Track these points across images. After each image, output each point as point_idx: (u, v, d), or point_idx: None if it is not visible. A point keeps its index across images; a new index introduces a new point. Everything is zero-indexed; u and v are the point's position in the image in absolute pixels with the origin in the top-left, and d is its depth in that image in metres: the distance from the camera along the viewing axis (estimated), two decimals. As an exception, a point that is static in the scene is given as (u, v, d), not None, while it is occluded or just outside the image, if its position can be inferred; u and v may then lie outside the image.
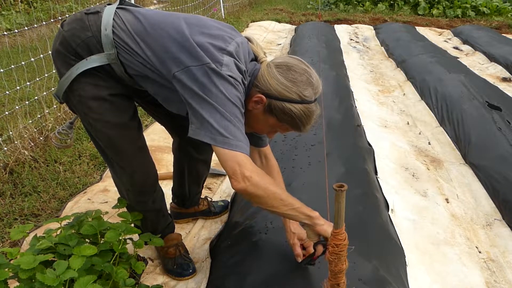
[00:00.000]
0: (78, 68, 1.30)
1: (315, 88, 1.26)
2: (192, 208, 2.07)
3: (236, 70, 1.20)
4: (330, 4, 8.84)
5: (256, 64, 1.30)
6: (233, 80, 1.19)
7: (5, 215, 2.11)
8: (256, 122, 1.32)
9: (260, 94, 1.25)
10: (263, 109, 1.27)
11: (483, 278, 1.77)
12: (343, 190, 0.93)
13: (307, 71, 1.25)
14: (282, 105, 1.24)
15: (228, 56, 1.20)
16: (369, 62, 5.07)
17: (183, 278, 1.72)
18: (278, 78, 1.23)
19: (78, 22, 1.31)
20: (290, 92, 1.22)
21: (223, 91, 1.17)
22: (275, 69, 1.24)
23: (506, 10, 8.25)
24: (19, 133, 2.66)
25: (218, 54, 1.19)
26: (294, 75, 1.23)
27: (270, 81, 1.23)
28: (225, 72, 1.18)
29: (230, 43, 1.23)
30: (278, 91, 1.23)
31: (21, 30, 4.71)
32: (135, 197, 1.58)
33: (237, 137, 1.19)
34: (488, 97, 3.28)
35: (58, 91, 1.38)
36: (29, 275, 1.16)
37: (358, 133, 2.71)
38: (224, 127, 1.17)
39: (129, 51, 1.28)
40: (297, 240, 1.44)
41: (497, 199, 2.23)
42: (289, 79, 1.23)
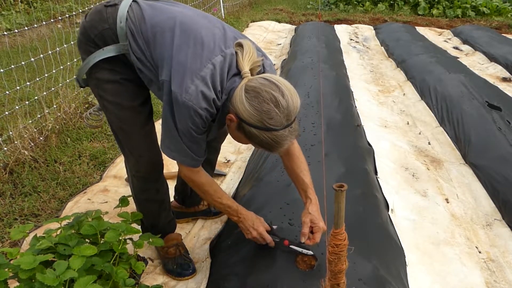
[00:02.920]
0: (95, 57, 1.41)
1: (285, 116, 1.23)
2: (192, 207, 2.07)
3: (201, 98, 1.27)
4: (330, 4, 8.83)
5: (235, 81, 1.31)
6: (192, 111, 1.27)
7: (5, 215, 2.11)
8: (234, 135, 1.38)
9: (233, 114, 1.28)
10: (236, 127, 1.30)
11: (483, 278, 1.77)
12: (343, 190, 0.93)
13: (276, 100, 1.21)
14: (249, 129, 1.25)
15: (199, 81, 1.26)
16: (369, 62, 5.07)
17: (183, 278, 1.72)
18: (245, 104, 1.23)
19: (98, 14, 1.41)
20: (254, 120, 1.23)
21: (177, 122, 1.31)
22: (244, 94, 1.24)
23: (506, 10, 8.24)
24: (19, 133, 2.66)
25: (188, 80, 1.26)
26: (260, 103, 1.21)
27: (238, 105, 1.24)
28: (187, 102, 1.26)
29: (206, 66, 1.28)
30: (244, 116, 1.24)
31: (21, 30, 4.71)
32: (139, 184, 1.64)
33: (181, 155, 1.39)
34: (488, 97, 3.28)
35: (78, 76, 1.50)
36: (29, 275, 1.16)
37: (358, 133, 2.71)
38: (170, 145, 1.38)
39: (137, 46, 1.37)
40: (309, 220, 1.48)
41: (497, 199, 2.23)
42: (254, 107, 1.22)
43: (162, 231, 1.77)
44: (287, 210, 1.79)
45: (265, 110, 1.21)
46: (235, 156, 2.75)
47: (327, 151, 2.27)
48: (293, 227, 1.68)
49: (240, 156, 2.74)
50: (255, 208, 1.86)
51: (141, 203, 1.71)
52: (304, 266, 1.49)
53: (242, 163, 2.62)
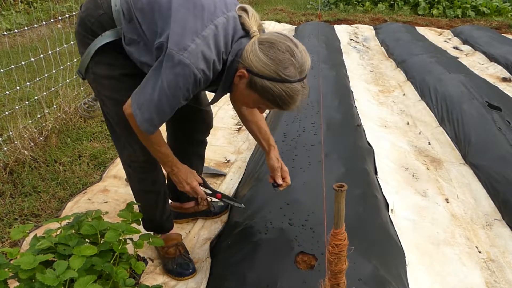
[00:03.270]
0: (96, 44, 1.39)
1: (299, 67, 1.23)
2: (191, 208, 2.07)
3: (200, 58, 1.22)
4: (330, 4, 8.82)
5: (242, 43, 1.29)
6: (187, 70, 1.21)
7: (5, 215, 2.11)
8: (241, 96, 1.34)
9: (244, 69, 1.25)
10: (246, 84, 1.28)
11: (483, 278, 1.77)
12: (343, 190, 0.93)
13: (291, 49, 1.22)
14: (262, 82, 1.23)
15: (200, 41, 1.22)
16: (369, 62, 5.07)
17: (183, 278, 1.72)
18: (259, 55, 1.21)
19: (92, 1, 1.40)
20: (269, 70, 1.21)
21: (164, 80, 1.24)
22: (258, 46, 1.23)
23: (506, 10, 8.24)
24: (19, 133, 2.66)
25: (188, 39, 1.21)
26: (276, 53, 1.20)
27: (251, 58, 1.23)
28: (183, 59, 1.20)
29: (208, 27, 1.24)
30: (258, 68, 1.22)
31: (21, 30, 4.71)
32: (137, 173, 1.65)
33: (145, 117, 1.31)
34: (488, 97, 3.28)
35: (81, 68, 1.48)
36: (29, 275, 1.16)
37: (358, 133, 2.71)
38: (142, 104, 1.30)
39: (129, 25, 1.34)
40: (279, 165, 1.65)
41: (497, 199, 2.23)
42: (269, 57, 1.21)
43: (160, 226, 1.78)
44: (287, 210, 1.79)
45: (281, 59, 1.20)
46: (235, 156, 2.75)
47: (327, 151, 2.27)
48: (293, 227, 1.68)
49: (240, 156, 2.74)
50: (255, 209, 1.86)
51: (139, 194, 1.72)
52: (304, 266, 1.49)
53: (242, 163, 2.62)
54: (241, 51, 1.27)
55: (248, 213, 1.86)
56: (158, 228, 1.79)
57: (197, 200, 2.10)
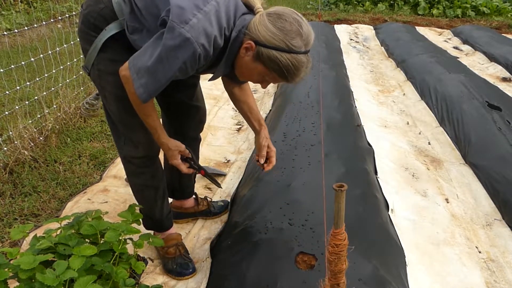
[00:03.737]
0: (101, 39, 1.41)
1: (305, 39, 1.26)
2: (191, 208, 2.07)
3: (201, 33, 1.23)
4: (330, 4, 8.82)
5: (245, 19, 1.31)
6: (187, 43, 1.22)
7: (5, 215, 2.11)
8: (247, 70, 1.35)
9: (250, 40, 1.27)
10: (253, 56, 1.29)
11: (483, 278, 1.77)
12: (343, 190, 0.93)
13: (298, 21, 1.26)
14: (269, 53, 1.25)
15: (201, 15, 1.23)
16: (369, 62, 5.07)
17: (183, 278, 1.73)
18: (267, 25, 1.24)
19: None
20: (277, 40, 1.24)
21: (157, 46, 1.25)
22: (266, 17, 1.26)
23: (506, 10, 8.24)
24: (19, 133, 2.66)
25: (189, 13, 1.22)
26: (283, 24, 1.24)
27: (259, 28, 1.25)
28: (184, 32, 1.21)
29: (209, 2, 1.25)
30: (266, 38, 1.24)
31: (21, 30, 4.71)
32: (135, 168, 1.66)
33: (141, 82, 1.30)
34: (488, 97, 3.28)
35: (87, 64, 1.49)
36: (29, 275, 1.16)
37: (358, 133, 2.71)
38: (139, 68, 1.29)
39: (131, 13, 1.36)
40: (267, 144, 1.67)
41: (497, 199, 2.23)
42: (277, 27, 1.24)
43: (160, 224, 1.78)
44: (287, 210, 1.79)
45: (289, 29, 1.24)
46: (235, 156, 2.75)
47: (327, 151, 2.27)
48: (293, 227, 1.68)
49: (240, 156, 2.74)
50: (255, 208, 1.86)
51: (138, 189, 1.72)
52: (304, 266, 1.49)
53: (242, 163, 2.62)
54: (246, 26, 1.29)
55: (248, 213, 1.86)
56: (158, 226, 1.79)
57: (197, 200, 2.10)
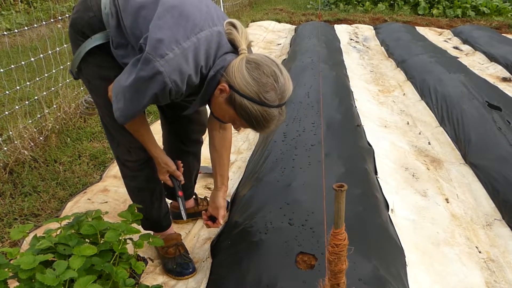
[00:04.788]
0: (85, 46, 1.41)
1: (280, 94, 1.25)
2: (191, 208, 2.08)
3: (174, 69, 1.21)
4: (330, 4, 8.83)
5: (226, 59, 1.29)
6: (159, 76, 1.20)
7: (5, 215, 2.11)
8: (219, 110, 1.35)
9: (226, 84, 1.26)
10: (226, 99, 1.28)
11: (483, 278, 1.77)
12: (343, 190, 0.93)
13: (275, 74, 1.24)
14: (241, 101, 1.24)
15: (179, 51, 1.20)
16: (369, 62, 5.07)
17: (182, 278, 1.73)
18: (244, 74, 1.23)
19: (82, 4, 1.42)
20: (250, 91, 1.23)
21: (137, 78, 1.23)
22: (244, 64, 1.24)
23: (506, 10, 8.24)
24: (19, 133, 2.66)
25: (167, 47, 1.19)
26: (260, 75, 1.22)
27: (236, 74, 1.24)
28: (157, 66, 1.19)
29: (189, 39, 1.23)
30: (240, 86, 1.23)
31: (21, 30, 4.71)
32: (129, 171, 1.66)
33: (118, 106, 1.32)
34: (488, 97, 3.28)
35: (72, 68, 1.50)
36: (29, 275, 1.16)
37: (358, 133, 2.71)
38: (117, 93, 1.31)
39: (116, 29, 1.35)
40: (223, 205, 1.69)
41: (497, 199, 2.23)
42: (253, 77, 1.22)
43: (158, 225, 1.78)
44: (287, 210, 1.79)
45: (264, 82, 1.22)
46: (235, 156, 2.75)
47: (327, 151, 2.27)
48: (293, 227, 1.68)
49: (240, 156, 2.74)
50: (255, 208, 1.86)
51: (133, 191, 1.72)
52: (304, 266, 1.49)
53: (242, 163, 2.62)
54: (225, 67, 1.27)
55: (248, 213, 1.86)
56: (156, 226, 1.79)
57: (197, 201, 2.10)
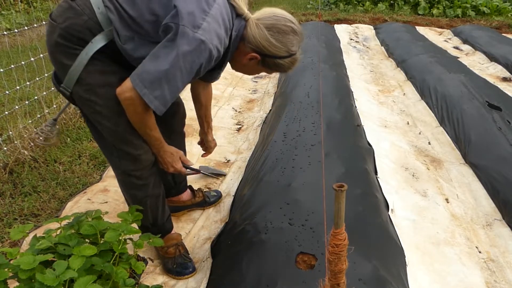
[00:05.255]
0: (87, 52, 1.34)
1: (300, 41, 1.47)
2: (189, 200, 2.12)
3: (213, 34, 1.30)
4: (330, 4, 8.83)
5: (241, 20, 1.42)
6: (203, 46, 1.27)
7: (5, 215, 2.11)
8: (248, 70, 1.55)
9: (254, 52, 1.43)
10: (257, 63, 1.47)
11: (483, 278, 1.77)
12: (343, 190, 0.93)
13: (292, 28, 1.43)
14: (274, 61, 1.45)
15: (210, 19, 1.29)
16: (369, 62, 5.07)
17: (182, 277, 1.73)
18: (271, 41, 1.40)
19: (70, 11, 1.34)
20: (281, 52, 1.43)
21: (172, 51, 1.26)
22: (267, 32, 1.40)
23: (506, 10, 8.24)
24: (19, 133, 2.66)
25: (199, 18, 1.27)
26: (284, 37, 1.41)
27: (262, 43, 1.40)
28: (198, 35, 1.26)
29: (213, 6, 1.32)
30: (270, 51, 1.42)
31: (21, 30, 4.71)
32: (137, 180, 1.61)
33: (156, 94, 1.31)
34: (488, 97, 3.28)
35: (69, 82, 1.39)
36: (29, 275, 1.16)
37: (358, 133, 2.71)
38: (152, 81, 1.29)
39: (121, 21, 1.33)
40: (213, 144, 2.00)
41: (497, 199, 2.23)
42: (280, 41, 1.41)
43: (163, 228, 1.78)
44: (287, 210, 1.79)
45: (289, 40, 1.43)
46: (235, 156, 2.75)
47: (327, 151, 2.27)
48: (293, 227, 1.68)
49: (240, 156, 2.74)
50: (255, 208, 1.86)
51: (140, 201, 1.68)
52: (304, 266, 1.49)
53: (242, 163, 2.62)
54: (241, 30, 1.41)
55: (248, 213, 1.86)
56: (161, 231, 1.78)
57: (193, 192, 2.14)
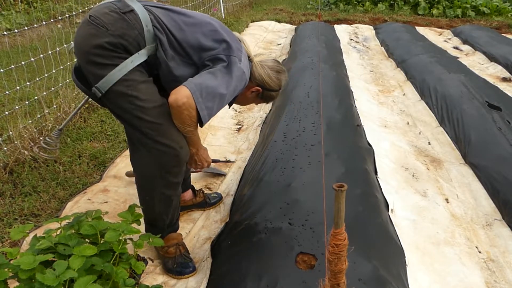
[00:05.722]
0: (133, 61, 1.48)
1: (287, 79, 1.83)
2: (190, 200, 2.14)
3: (246, 69, 1.62)
4: (330, 4, 8.83)
5: (249, 63, 1.69)
6: (244, 76, 1.59)
7: (5, 215, 2.11)
8: (247, 101, 1.83)
9: (257, 87, 1.75)
10: (257, 96, 1.79)
11: (483, 278, 1.77)
12: (343, 190, 0.93)
13: (283, 69, 1.81)
14: (270, 94, 1.80)
15: (242, 55, 1.60)
16: (369, 62, 5.07)
17: (182, 277, 1.73)
18: (273, 79, 1.76)
19: (123, 22, 1.46)
20: (276, 86, 1.79)
21: (230, 77, 1.53)
22: (271, 72, 1.75)
23: (506, 10, 8.25)
24: (19, 133, 2.66)
25: (238, 52, 1.59)
26: (280, 76, 1.79)
27: (266, 79, 1.74)
28: (242, 67, 1.57)
29: (242, 47, 1.65)
30: (271, 86, 1.77)
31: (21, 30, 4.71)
32: (172, 178, 1.62)
33: (207, 105, 1.49)
34: (488, 97, 3.28)
35: (105, 84, 1.47)
36: (29, 275, 1.16)
37: (358, 133, 2.71)
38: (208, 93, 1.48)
39: (169, 42, 1.52)
40: None
41: (497, 199, 2.23)
42: (278, 79, 1.78)
43: (173, 228, 1.81)
44: (287, 210, 1.79)
45: (282, 78, 1.80)
46: (235, 156, 2.75)
47: (327, 151, 2.27)
48: (293, 227, 1.68)
49: (240, 156, 2.74)
50: (255, 208, 1.86)
51: (166, 200, 1.67)
52: (304, 266, 1.49)
53: (242, 163, 2.62)
54: (250, 68, 1.69)
55: (248, 213, 1.86)
56: (172, 230, 1.80)
57: (194, 192, 2.16)
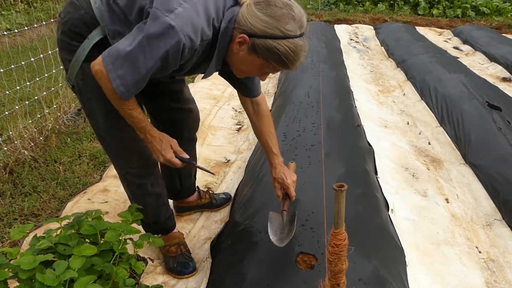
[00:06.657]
0: (84, 48, 1.35)
1: (298, 22, 1.22)
2: (194, 201, 2.10)
3: (187, 22, 1.16)
4: (330, 4, 8.83)
5: (234, 11, 1.25)
6: (171, 31, 1.15)
7: (5, 215, 2.11)
8: (244, 65, 1.30)
9: (242, 34, 1.22)
10: (248, 50, 1.24)
11: (483, 278, 1.77)
12: (343, 190, 0.93)
13: (288, 4, 1.21)
14: (266, 43, 1.20)
15: (188, 5, 1.17)
16: (369, 62, 5.07)
17: (183, 277, 1.73)
18: (257, 15, 1.19)
19: (70, 6, 1.37)
20: (271, 28, 1.18)
21: (139, 33, 1.18)
22: (254, 6, 1.20)
23: (506, 10, 8.24)
24: (19, 133, 2.66)
25: (174, 2, 1.16)
26: (274, 9, 1.18)
27: (249, 19, 1.20)
28: (168, 20, 1.14)
29: None
30: (259, 28, 1.19)
31: (21, 30, 4.70)
32: (134, 179, 1.62)
33: (118, 73, 1.22)
34: (488, 97, 3.28)
35: (70, 75, 1.42)
36: (29, 275, 1.16)
37: (358, 133, 2.71)
38: (117, 58, 1.21)
39: (111, 14, 1.30)
40: (277, 184, 1.66)
41: (497, 199, 2.23)
42: (268, 15, 1.18)
43: (164, 227, 1.78)
44: (287, 210, 1.79)
45: (280, 15, 1.19)
46: (235, 156, 2.75)
47: (327, 151, 2.27)
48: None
49: (240, 156, 2.74)
50: (255, 208, 1.86)
51: (140, 199, 1.68)
52: (304, 266, 1.49)
53: (242, 163, 2.62)
54: (234, 17, 1.23)
55: (248, 213, 1.86)
56: (163, 229, 1.79)
57: (200, 194, 2.11)
